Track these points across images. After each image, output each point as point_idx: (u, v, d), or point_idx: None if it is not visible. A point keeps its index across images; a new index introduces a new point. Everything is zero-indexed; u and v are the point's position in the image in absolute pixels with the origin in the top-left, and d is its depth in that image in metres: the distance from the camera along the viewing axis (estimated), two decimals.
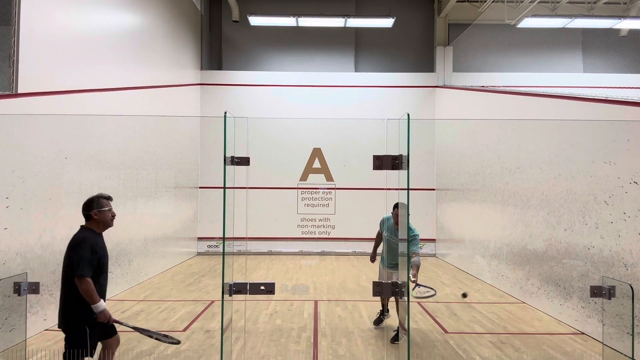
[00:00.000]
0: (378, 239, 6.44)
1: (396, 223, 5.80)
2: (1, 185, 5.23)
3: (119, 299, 7.71)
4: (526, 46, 13.61)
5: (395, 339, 5.83)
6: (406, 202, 3.70)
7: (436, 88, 13.53)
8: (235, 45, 13.96)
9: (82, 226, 3.92)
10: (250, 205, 12.62)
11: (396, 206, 5.80)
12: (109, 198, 3.94)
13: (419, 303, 7.68)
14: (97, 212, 3.87)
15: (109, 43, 7.93)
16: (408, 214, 3.97)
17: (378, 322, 6.37)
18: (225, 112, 3.84)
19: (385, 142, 3.88)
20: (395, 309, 6.06)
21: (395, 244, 5.85)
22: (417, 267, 5.61)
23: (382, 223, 6.17)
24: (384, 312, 6.35)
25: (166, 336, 3.94)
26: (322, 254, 13.16)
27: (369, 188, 13.02)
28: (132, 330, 3.90)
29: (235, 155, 3.82)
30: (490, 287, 9.08)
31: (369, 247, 13.27)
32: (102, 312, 3.62)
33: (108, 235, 7.80)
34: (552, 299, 6.98)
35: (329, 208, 13.41)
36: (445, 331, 6.20)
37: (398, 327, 6.03)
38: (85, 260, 3.64)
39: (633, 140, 5.46)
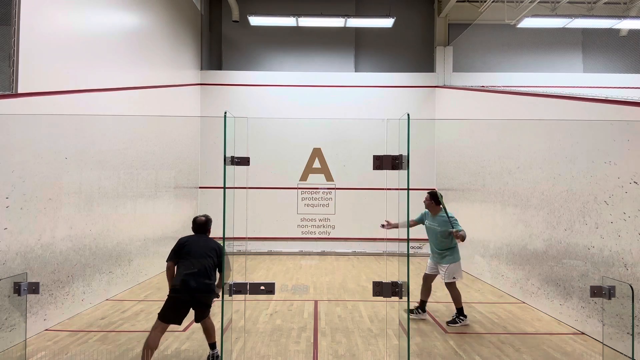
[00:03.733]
0: (412, 223, 6.89)
1: (430, 210, 6.74)
2: (1, 185, 5.23)
3: (119, 299, 7.71)
4: (526, 46, 13.61)
5: (452, 322, 6.48)
6: (406, 202, 3.70)
7: (436, 88, 13.53)
8: (235, 45, 13.96)
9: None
10: (250, 205, 12.62)
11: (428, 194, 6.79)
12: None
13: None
14: None
15: (109, 43, 7.94)
16: (408, 214, 3.97)
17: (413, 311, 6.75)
18: (225, 112, 3.84)
19: (385, 142, 3.88)
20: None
21: (434, 229, 6.67)
22: (463, 237, 6.40)
23: (424, 215, 6.89)
24: (420, 309, 6.75)
25: None
26: (322, 254, 13.16)
27: (369, 188, 13.02)
28: None
29: (235, 155, 3.82)
30: (490, 287, 9.08)
31: (369, 247, 13.38)
32: None
33: (108, 235, 7.85)
34: (552, 299, 6.98)
35: (329, 208, 13.40)
36: (445, 331, 6.20)
37: (456, 313, 6.59)
38: None
39: (633, 140, 5.46)
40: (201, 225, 5.24)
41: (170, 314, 4.77)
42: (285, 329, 6.18)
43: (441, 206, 6.58)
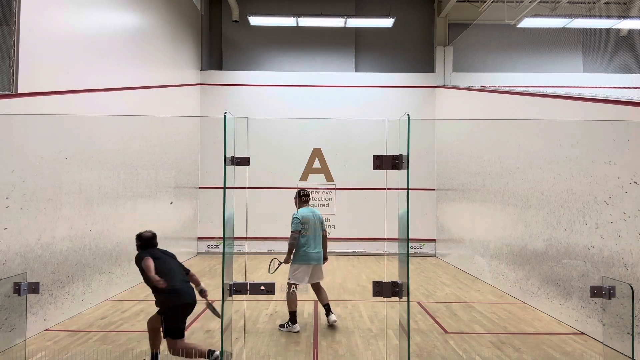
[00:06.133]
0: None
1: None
2: (1, 185, 5.23)
3: (119, 299, 7.71)
4: (526, 46, 13.61)
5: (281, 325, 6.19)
6: (406, 202, 3.70)
7: (436, 88, 13.53)
8: (235, 45, 13.96)
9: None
10: (250, 205, 12.62)
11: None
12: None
13: (419, 303, 7.68)
14: None
15: (109, 43, 7.93)
16: (408, 214, 3.97)
17: None
18: (225, 112, 3.84)
19: (385, 142, 3.88)
20: None
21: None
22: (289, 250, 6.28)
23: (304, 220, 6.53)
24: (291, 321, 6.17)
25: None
26: None
27: (369, 188, 13.01)
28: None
29: (235, 155, 3.82)
30: (491, 287, 9.08)
31: (369, 247, 13.38)
32: None
33: (108, 236, 7.85)
34: (552, 299, 6.98)
35: (329, 208, 13.40)
36: (445, 331, 6.20)
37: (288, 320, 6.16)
38: None
39: (633, 140, 5.46)
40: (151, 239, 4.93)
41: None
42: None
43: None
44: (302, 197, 6.66)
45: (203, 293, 4.91)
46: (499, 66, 13.68)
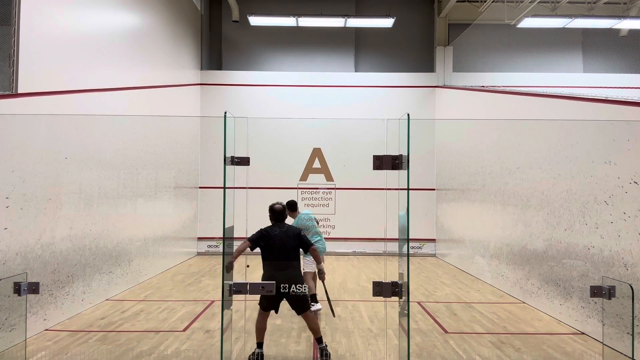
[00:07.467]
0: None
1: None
2: (1, 185, 5.23)
3: (119, 298, 7.71)
4: (526, 46, 13.61)
5: None
6: (406, 202, 3.70)
7: (436, 88, 13.53)
8: (235, 45, 13.96)
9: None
10: (250, 205, 12.62)
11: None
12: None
13: (419, 303, 7.68)
14: None
15: (109, 43, 7.93)
16: (408, 215, 3.97)
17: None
18: (225, 112, 3.84)
19: (385, 142, 3.88)
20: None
21: None
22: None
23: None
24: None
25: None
26: None
27: (369, 188, 13.02)
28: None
29: (235, 155, 3.82)
30: (491, 287, 9.08)
31: (369, 247, 13.38)
32: None
33: (108, 236, 7.85)
34: (552, 299, 6.98)
35: (329, 208, 13.40)
36: (445, 331, 6.20)
37: None
38: None
39: (633, 140, 5.46)
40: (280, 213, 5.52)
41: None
42: (285, 329, 6.18)
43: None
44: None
45: (320, 273, 5.64)
46: (499, 66, 13.69)
